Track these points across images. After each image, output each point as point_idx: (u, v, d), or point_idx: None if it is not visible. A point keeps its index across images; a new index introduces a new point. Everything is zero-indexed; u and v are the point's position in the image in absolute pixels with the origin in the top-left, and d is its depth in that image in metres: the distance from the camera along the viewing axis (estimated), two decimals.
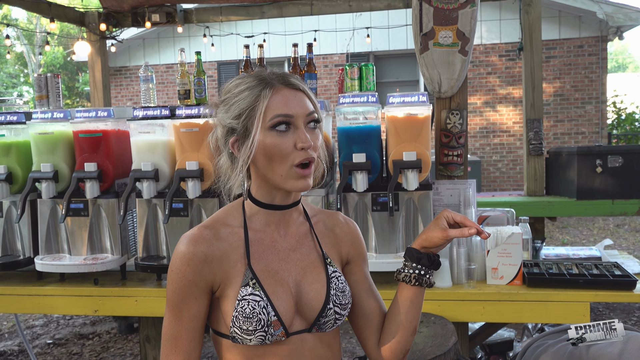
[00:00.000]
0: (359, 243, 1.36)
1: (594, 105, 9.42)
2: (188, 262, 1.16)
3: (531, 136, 5.02)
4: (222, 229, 1.21)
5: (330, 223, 1.33)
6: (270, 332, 1.15)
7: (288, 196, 1.23)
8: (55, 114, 2.71)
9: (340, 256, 1.32)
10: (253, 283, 1.16)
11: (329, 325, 1.22)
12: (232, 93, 1.18)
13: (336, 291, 1.22)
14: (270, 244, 1.23)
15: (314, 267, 1.24)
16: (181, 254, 1.16)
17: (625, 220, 8.73)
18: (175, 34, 10.10)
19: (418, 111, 2.46)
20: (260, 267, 1.19)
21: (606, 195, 4.48)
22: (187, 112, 2.56)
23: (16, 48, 18.28)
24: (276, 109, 1.14)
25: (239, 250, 1.20)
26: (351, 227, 1.36)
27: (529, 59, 5.03)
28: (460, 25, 2.66)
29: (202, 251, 1.16)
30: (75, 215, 2.73)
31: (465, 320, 2.46)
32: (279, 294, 1.18)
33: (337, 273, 1.25)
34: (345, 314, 1.25)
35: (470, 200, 2.68)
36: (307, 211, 1.32)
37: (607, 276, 2.39)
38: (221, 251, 1.18)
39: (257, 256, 1.20)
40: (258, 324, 1.14)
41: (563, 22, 9.29)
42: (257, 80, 1.17)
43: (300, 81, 1.20)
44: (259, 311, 1.14)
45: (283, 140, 1.14)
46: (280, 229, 1.25)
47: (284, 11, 5.76)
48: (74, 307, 2.70)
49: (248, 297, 1.15)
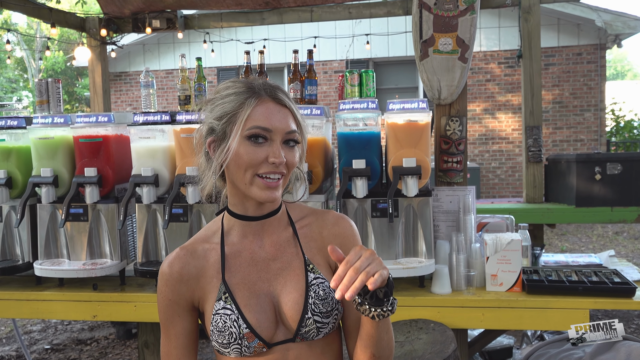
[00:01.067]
0: (351, 243, 1.26)
1: (593, 113, 9.44)
2: (166, 282, 1.21)
3: (530, 143, 5.03)
4: (200, 247, 1.24)
5: (318, 225, 1.27)
6: (245, 345, 1.15)
7: (261, 207, 1.21)
8: (55, 119, 2.71)
9: (327, 260, 1.25)
10: (225, 297, 1.17)
11: (312, 334, 1.18)
12: (220, 94, 1.19)
13: (315, 299, 1.18)
14: (248, 256, 1.22)
15: (294, 275, 1.21)
16: (160, 275, 1.23)
17: (624, 227, 8.74)
18: (175, 39, 10.13)
19: (418, 117, 2.47)
20: (236, 281, 1.20)
21: (605, 203, 4.48)
22: (188, 118, 2.57)
23: (16, 53, 18.31)
24: (257, 120, 1.13)
25: (215, 266, 1.22)
26: (341, 227, 1.27)
27: (528, 66, 5.05)
28: (460, 33, 2.68)
29: (177, 271, 1.21)
30: (75, 220, 2.73)
31: (464, 327, 2.46)
32: (252, 306, 1.17)
33: (320, 279, 1.20)
34: (330, 321, 1.20)
35: (470, 207, 2.68)
36: (292, 216, 1.28)
37: (607, 283, 2.39)
38: (197, 269, 1.21)
39: (233, 269, 1.21)
40: (230, 337, 1.15)
41: (562, 30, 9.33)
42: (246, 88, 1.17)
43: (290, 99, 1.19)
44: (230, 324, 1.15)
45: (256, 150, 1.13)
46: (258, 240, 1.24)
47: (284, 17, 5.78)
48: (73, 312, 2.69)
49: (220, 311, 1.17)
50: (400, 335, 2.28)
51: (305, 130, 1.22)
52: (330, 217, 1.29)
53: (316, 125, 2.53)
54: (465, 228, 2.65)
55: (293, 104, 1.19)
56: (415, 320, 2.39)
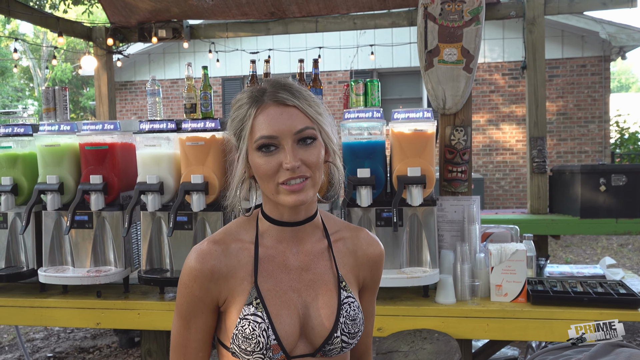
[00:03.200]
0: (377, 270, 1.28)
1: (597, 125, 9.44)
2: (195, 278, 1.15)
3: (535, 154, 5.03)
4: (233, 244, 1.19)
5: (352, 243, 1.25)
6: (269, 356, 1.12)
7: (297, 212, 1.17)
8: (62, 126, 2.73)
9: (357, 280, 1.24)
10: (257, 303, 1.14)
11: (334, 352, 1.17)
12: (233, 109, 1.18)
13: (346, 319, 1.16)
14: (281, 262, 1.19)
15: (327, 289, 1.18)
16: (189, 269, 1.16)
17: (629, 239, 8.70)
18: (180, 49, 10.19)
19: (423, 127, 2.48)
20: (268, 286, 1.16)
21: (610, 214, 4.46)
22: (193, 126, 2.58)
23: (22, 62, 18.45)
24: (260, 129, 1.11)
25: (247, 268, 1.17)
26: (375, 251, 1.27)
27: (533, 77, 5.06)
28: (465, 43, 2.69)
29: (208, 269, 1.15)
30: (80, 228, 2.74)
31: (469, 337, 2.44)
32: (283, 317, 1.14)
33: (351, 299, 1.19)
34: (353, 342, 1.19)
35: (474, 217, 2.68)
36: (328, 227, 1.24)
37: (612, 294, 2.38)
38: (229, 268, 1.16)
39: (265, 274, 1.17)
40: (257, 346, 1.11)
41: (566, 42, 9.35)
42: (248, 98, 1.15)
43: (295, 94, 1.13)
44: (259, 333, 1.11)
45: (269, 160, 1.11)
46: (293, 247, 1.20)
47: (289, 28, 5.81)
48: (76, 320, 2.69)
49: (250, 317, 1.13)
50: (404, 345, 2.27)
51: (324, 120, 1.15)
52: (363, 236, 1.27)
53: None
54: (470, 238, 2.64)
55: (301, 99, 1.13)
56: (419, 330, 2.38)
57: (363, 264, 1.25)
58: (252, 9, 5.15)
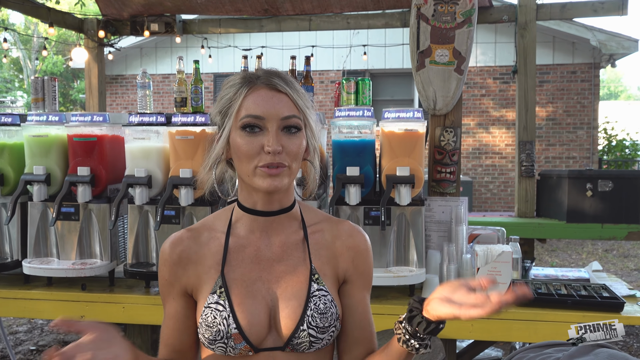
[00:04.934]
0: (362, 261, 1.23)
1: (586, 131, 9.52)
2: (165, 262, 1.20)
3: (523, 158, 5.06)
4: (205, 233, 1.20)
5: (331, 235, 1.22)
6: (231, 345, 1.11)
7: (271, 202, 1.16)
8: (50, 117, 2.71)
9: (336, 273, 1.20)
10: (220, 292, 1.13)
11: (303, 347, 1.13)
12: (223, 88, 1.19)
13: (314, 312, 1.13)
14: (252, 252, 1.17)
15: (297, 281, 1.16)
16: (161, 254, 1.21)
17: (614, 245, 8.78)
18: (173, 44, 10.14)
19: (413, 127, 2.48)
20: (234, 276, 1.15)
21: (596, 219, 4.50)
22: (183, 120, 2.57)
23: (12, 53, 18.27)
24: (248, 109, 1.11)
25: (216, 257, 1.17)
26: (356, 241, 1.23)
27: (523, 81, 5.09)
28: (457, 45, 2.70)
29: (177, 253, 1.19)
30: (66, 220, 2.72)
31: (453, 337, 2.46)
32: (246, 306, 1.12)
33: (323, 292, 1.15)
34: (324, 337, 1.14)
35: (462, 218, 2.69)
36: (306, 219, 1.23)
37: (595, 298, 2.40)
38: (198, 255, 1.18)
39: (234, 264, 1.16)
40: (217, 335, 1.11)
41: (557, 48, 9.42)
42: (241, 78, 1.15)
43: (288, 83, 1.14)
44: (219, 322, 1.11)
45: (251, 140, 1.10)
46: (266, 238, 1.18)
47: (282, 25, 5.80)
48: (60, 312, 2.67)
49: (212, 305, 1.13)
50: None
51: (310, 115, 1.16)
52: (345, 227, 1.24)
53: None
54: (457, 239, 2.65)
55: (292, 88, 1.13)
56: None
57: (342, 255, 1.21)
58: (246, 5, 5.15)
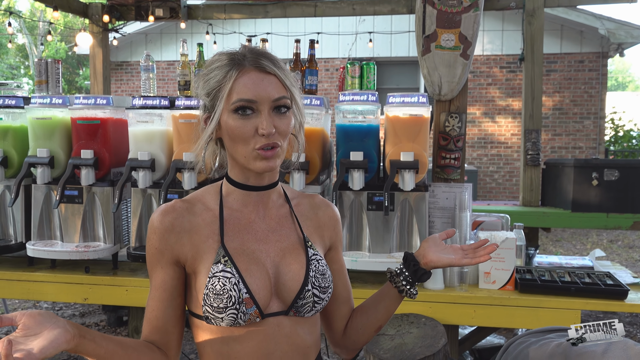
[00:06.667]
0: (340, 228, 1.36)
1: (592, 121, 9.45)
2: (155, 230, 1.19)
3: (529, 146, 5.03)
4: (198, 205, 1.22)
5: (311, 206, 1.32)
6: (242, 310, 1.13)
7: (262, 177, 1.21)
8: (54, 99, 2.70)
9: (322, 240, 1.31)
10: (225, 260, 1.15)
11: (307, 308, 1.19)
12: (208, 69, 1.18)
13: (316, 273, 1.21)
14: (247, 224, 1.22)
15: (294, 248, 1.23)
16: (151, 222, 1.20)
17: (619, 236, 8.75)
18: (178, 30, 10.11)
19: (418, 112, 2.46)
20: (235, 246, 1.18)
21: (601, 209, 4.48)
22: (187, 103, 2.56)
23: (18, 40, 18.26)
24: (240, 92, 1.12)
25: (212, 227, 1.19)
26: (334, 211, 1.35)
27: (530, 69, 5.05)
28: (463, 29, 2.67)
29: (169, 221, 1.18)
30: (70, 202, 2.72)
31: (455, 323, 2.45)
32: (252, 272, 1.16)
33: (318, 256, 1.24)
34: (324, 297, 1.22)
35: (466, 204, 2.68)
36: (288, 194, 1.31)
37: (599, 285, 2.39)
38: (192, 224, 1.19)
39: (232, 234, 1.19)
40: (229, 301, 1.12)
41: (565, 37, 9.33)
42: (228, 59, 1.16)
43: (274, 63, 1.16)
44: (230, 287, 1.12)
45: (245, 123, 1.13)
46: (259, 210, 1.23)
47: (288, 11, 5.77)
48: (64, 294, 2.68)
49: (219, 274, 1.14)
50: (391, 328, 2.28)
51: (295, 91, 1.19)
52: (319, 200, 1.35)
53: (315, 115, 2.52)
54: (461, 225, 2.64)
55: (279, 68, 1.16)
56: (406, 314, 2.38)
57: (326, 225, 1.32)
58: None
